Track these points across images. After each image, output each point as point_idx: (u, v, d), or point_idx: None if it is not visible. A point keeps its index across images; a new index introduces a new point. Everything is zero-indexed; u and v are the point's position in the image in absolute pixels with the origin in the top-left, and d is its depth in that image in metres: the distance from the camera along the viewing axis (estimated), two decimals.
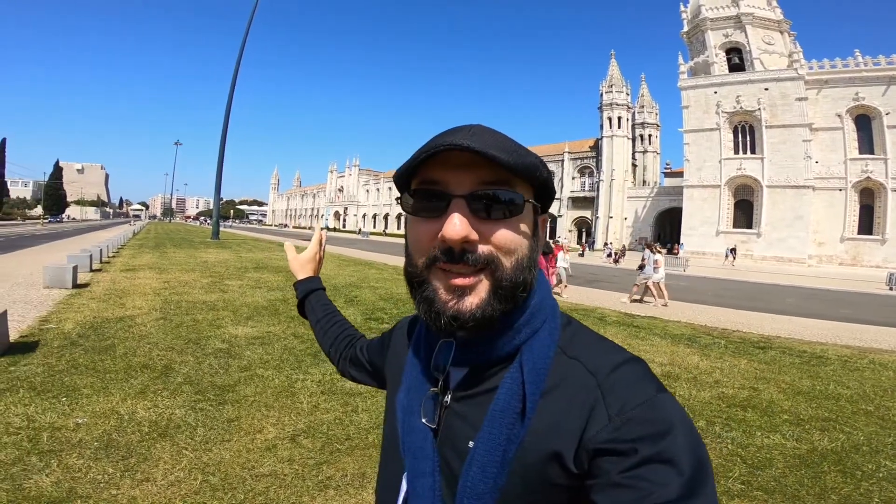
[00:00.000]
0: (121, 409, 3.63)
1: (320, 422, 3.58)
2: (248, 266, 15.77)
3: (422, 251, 0.60)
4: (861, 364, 6.62)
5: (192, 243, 27.45)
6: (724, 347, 7.36)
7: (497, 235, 0.58)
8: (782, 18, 43.81)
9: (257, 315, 7.86)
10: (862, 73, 38.42)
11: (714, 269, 31.73)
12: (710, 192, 43.12)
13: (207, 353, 5.46)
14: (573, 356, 0.60)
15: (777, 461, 3.36)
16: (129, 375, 4.49)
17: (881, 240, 37.51)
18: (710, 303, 13.57)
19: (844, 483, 3.08)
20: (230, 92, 30.65)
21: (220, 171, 31.34)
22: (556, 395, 0.58)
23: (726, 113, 42.39)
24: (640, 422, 0.52)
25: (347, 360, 1.02)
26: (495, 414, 0.58)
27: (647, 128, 60.48)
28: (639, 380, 0.57)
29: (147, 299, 8.83)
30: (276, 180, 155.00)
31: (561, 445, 0.55)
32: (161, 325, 6.72)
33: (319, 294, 1.16)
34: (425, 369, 0.68)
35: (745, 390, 5.06)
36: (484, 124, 0.61)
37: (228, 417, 3.56)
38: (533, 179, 0.60)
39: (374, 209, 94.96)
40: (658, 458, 0.49)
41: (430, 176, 0.60)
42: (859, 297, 18.12)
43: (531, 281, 0.61)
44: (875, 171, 37.78)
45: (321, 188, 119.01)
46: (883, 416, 4.40)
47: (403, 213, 0.65)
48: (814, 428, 4.02)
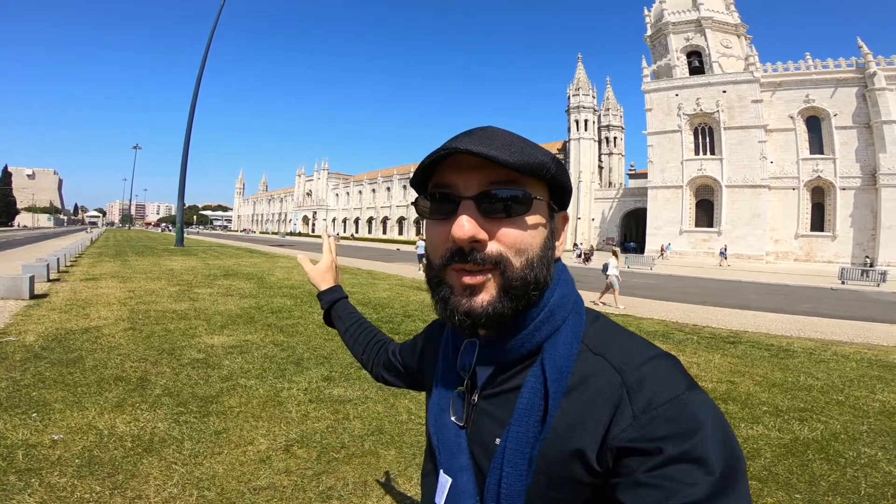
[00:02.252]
0: (98, 424, 3.45)
1: (312, 431, 3.50)
2: (217, 273, 15.31)
3: (437, 253, 0.62)
4: (825, 356, 6.94)
5: (156, 251, 26.44)
6: (696, 343, 7.61)
7: (506, 234, 0.59)
8: (739, 22, 45.72)
9: (232, 323, 7.62)
10: (812, 76, 40.43)
11: (679, 266, 32.78)
12: (673, 193, 44.47)
13: (184, 363, 5.26)
14: (599, 353, 0.60)
15: (765, 451, 3.48)
16: (102, 388, 4.28)
17: (832, 236, 39.49)
18: (677, 300, 13.96)
19: (830, 470, 3.21)
20: (194, 93, 29.75)
21: (184, 175, 30.36)
22: (580, 392, 0.58)
23: (687, 115, 43.86)
24: (666, 420, 0.51)
25: (381, 366, 1.04)
26: (521, 412, 0.58)
27: (612, 130, 61.99)
28: (667, 377, 0.56)
29: (112, 309, 8.46)
30: (242, 184, 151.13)
31: (584, 443, 0.54)
32: (130, 336, 6.44)
33: (344, 303, 1.17)
34: (453, 369, 0.70)
35: (724, 384, 5.24)
36: (476, 126, 0.64)
37: (216, 430, 3.43)
38: (542, 177, 0.60)
39: (345, 213, 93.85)
40: (685, 457, 0.48)
41: (441, 179, 0.62)
42: (816, 292, 19.02)
43: (545, 279, 0.61)
44: (825, 170, 39.75)
45: (289, 192, 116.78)
46: (854, 405, 4.62)
47: (420, 217, 0.66)
48: (793, 418, 4.19)
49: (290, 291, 11.52)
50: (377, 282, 14.59)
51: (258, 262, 21.37)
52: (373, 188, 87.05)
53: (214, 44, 30.11)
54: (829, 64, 40.10)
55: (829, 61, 40.17)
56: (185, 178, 30.47)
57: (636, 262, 30.22)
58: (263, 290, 11.78)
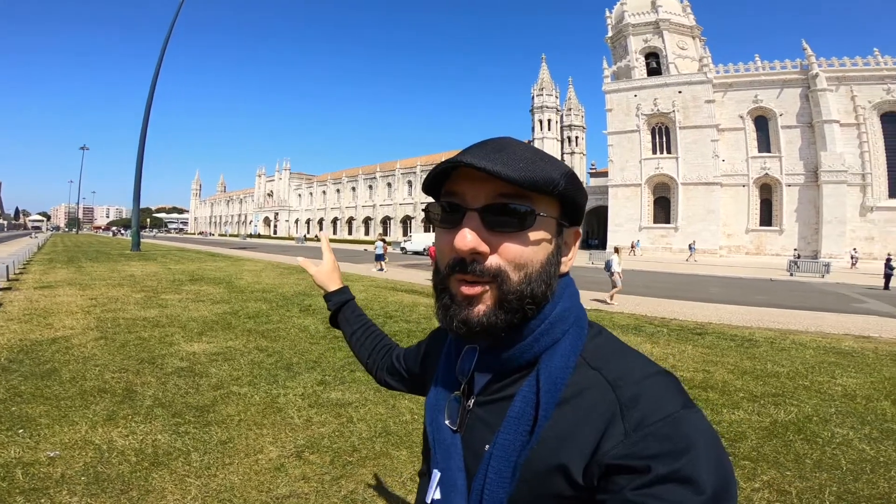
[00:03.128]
0: (94, 439, 3.33)
1: (319, 436, 3.49)
2: (182, 279, 14.78)
3: (443, 260, 0.63)
4: (785, 344, 7.41)
5: (111, 256, 25.22)
6: (667, 335, 7.96)
7: (506, 248, 0.60)
8: (695, 24, 47.67)
9: (209, 330, 7.43)
10: (760, 77, 42.65)
11: (639, 261, 33.87)
12: (633, 191, 45.94)
13: (168, 372, 5.12)
14: (596, 367, 0.61)
15: (749, 434, 3.74)
16: (87, 401, 4.12)
17: (779, 230, 41.78)
18: (642, 294, 14.49)
19: (811, 449, 3.49)
20: (150, 92, 28.49)
21: (139, 177, 29.09)
22: (573, 405, 0.58)
23: (645, 115, 45.41)
24: (658, 438, 0.51)
25: (384, 370, 1.05)
26: (511, 420, 0.59)
27: (574, 130, 63.48)
28: (663, 394, 0.56)
29: (77, 318, 8.08)
30: (198, 186, 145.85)
31: (569, 458, 0.55)
32: (104, 346, 6.19)
33: (352, 305, 1.17)
34: (452, 373, 0.72)
35: (700, 373, 5.54)
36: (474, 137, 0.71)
37: (220, 439, 3.37)
38: (550, 193, 0.60)
39: (308, 214, 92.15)
40: (674, 476, 0.48)
41: (452, 188, 0.63)
42: (768, 284, 20.14)
43: (543, 294, 0.62)
44: (772, 167, 42.02)
45: (249, 193, 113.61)
46: (819, 390, 4.99)
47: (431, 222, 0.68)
48: (768, 403, 4.49)
49: (263, 296, 11.29)
50: (350, 283, 14.19)
51: (223, 265, 20.76)
52: (337, 188, 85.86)
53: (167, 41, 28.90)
54: (775, 65, 42.44)
55: (775, 63, 42.53)
56: (140, 180, 29.19)
57: (598, 258, 31.29)
58: (235, 294, 11.49)
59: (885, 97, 38.40)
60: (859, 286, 19.97)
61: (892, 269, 18.56)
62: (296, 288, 12.93)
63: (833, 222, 38.57)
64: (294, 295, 11.53)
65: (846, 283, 21.51)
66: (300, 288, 12.93)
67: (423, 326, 8.03)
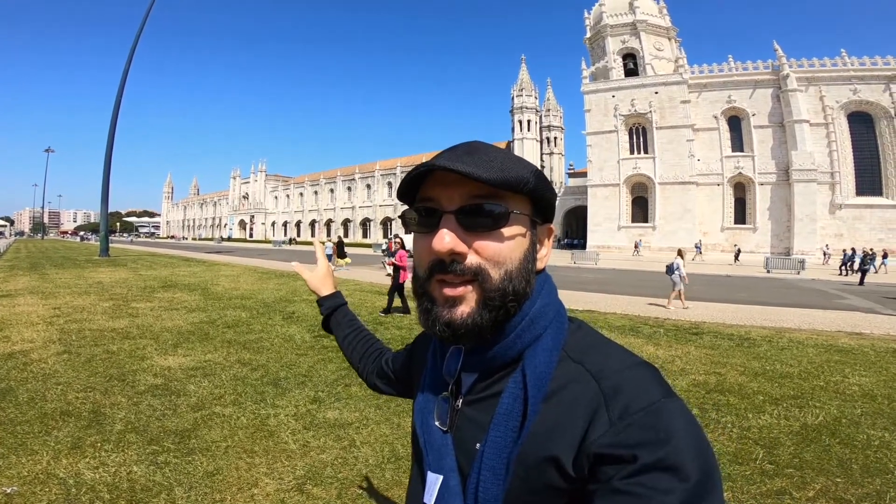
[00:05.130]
0: (57, 472, 2.88)
1: (321, 464, 3.09)
2: (154, 285, 14.05)
3: (422, 265, 0.63)
4: (783, 343, 7.31)
5: (77, 262, 24.02)
6: (664, 335, 7.80)
7: (484, 247, 0.60)
8: (670, 25, 48.57)
9: (185, 342, 6.89)
10: (734, 78, 43.66)
11: (621, 260, 34.23)
12: (611, 191, 46.48)
13: (140, 391, 4.62)
14: (578, 360, 0.61)
15: (783, 440, 3.52)
16: (48, 426, 3.64)
17: (753, 228, 42.81)
18: (631, 293, 14.43)
19: (853, 454, 3.29)
20: (119, 91, 27.34)
21: (107, 179, 27.90)
22: (559, 398, 0.58)
23: (623, 116, 45.99)
24: (641, 427, 0.51)
25: (374, 374, 1.05)
26: (500, 417, 0.59)
27: (552, 130, 64.06)
28: (644, 384, 0.56)
29: (38, 330, 7.46)
30: (170, 188, 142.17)
31: (559, 450, 0.55)
32: (67, 361, 5.65)
33: (344, 309, 1.17)
34: (439, 375, 0.71)
35: (712, 376, 5.32)
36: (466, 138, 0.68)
37: (206, 471, 2.94)
38: (521, 192, 0.61)
39: (285, 216, 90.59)
40: (659, 464, 0.48)
41: (426, 193, 0.64)
42: (748, 281, 20.43)
43: (524, 290, 0.62)
44: (745, 167, 43.03)
45: (223, 195, 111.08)
46: (836, 390, 4.82)
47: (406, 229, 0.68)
48: (791, 406, 4.29)
49: (241, 303, 10.73)
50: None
51: (197, 271, 19.94)
52: (315, 190, 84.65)
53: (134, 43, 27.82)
54: (748, 66, 43.53)
55: (748, 63, 43.64)
56: (108, 182, 28.03)
57: (580, 257, 32.02)
58: (211, 302, 10.90)
59: (852, 97, 39.67)
60: (834, 282, 20.44)
61: (867, 264, 19.00)
62: (276, 294, 12.40)
63: (804, 220, 39.65)
64: (275, 301, 11.01)
65: (821, 279, 22.00)
66: (281, 294, 12.41)
67: (416, 333, 7.68)
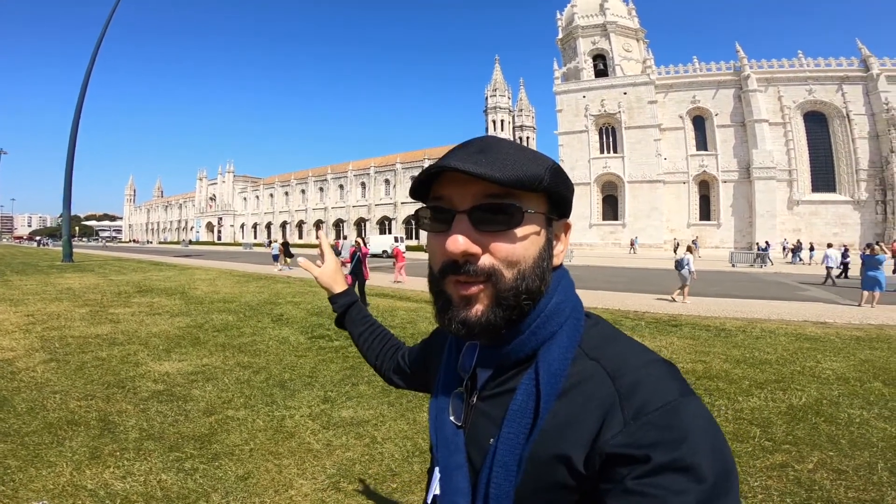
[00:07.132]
0: (85, 483, 2.87)
1: (349, 461, 3.18)
2: (129, 290, 13.66)
3: (436, 264, 0.64)
4: (756, 332, 7.73)
5: (40, 268, 22.99)
6: (646, 328, 8.13)
7: (498, 248, 0.60)
8: (639, 27, 49.88)
9: (177, 346, 6.80)
10: (698, 79, 45.20)
11: (594, 257, 34.96)
12: (583, 190, 47.37)
13: (144, 397, 4.58)
14: (594, 357, 0.61)
15: (775, 419, 3.82)
16: (58, 436, 3.60)
17: (717, 224, 44.46)
18: (606, 288, 14.85)
19: (839, 431, 3.60)
20: (81, 92, 26.31)
21: (70, 181, 26.88)
22: (573, 395, 0.58)
23: (593, 116, 46.97)
24: (656, 426, 0.51)
25: (391, 370, 1.06)
26: (513, 414, 0.59)
27: (525, 130, 64.76)
28: (661, 382, 0.56)
29: (16, 338, 7.21)
30: (132, 191, 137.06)
31: (571, 447, 0.55)
32: (57, 369, 5.52)
33: (357, 306, 1.16)
34: (454, 370, 0.72)
35: (699, 364, 5.64)
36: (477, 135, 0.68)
37: (238, 475, 2.99)
38: (535, 189, 0.60)
39: (255, 218, 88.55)
40: (674, 465, 0.48)
41: (438, 192, 0.64)
42: (716, 275, 21.21)
43: (537, 288, 0.62)
44: (709, 165, 44.61)
45: (189, 197, 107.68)
46: (812, 374, 5.20)
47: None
48: (776, 388, 4.62)
49: (226, 306, 10.58)
50: (316, 288, 13.90)
51: (171, 275, 19.41)
52: (286, 191, 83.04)
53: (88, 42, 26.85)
54: (711, 67, 45.15)
55: (711, 64, 45.27)
56: (71, 185, 27.00)
57: None
58: (193, 306, 10.71)
59: (808, 97, 41.68)
60: (795, 275, 21.47)
61: (847, 258, 19.53)
62: (259, 297, 12.27)
63: (765, 216, 41.42)
64: (260, 304, 10.91)
65: (783, 272, 23.08)
66: (264, 296, 12.28)
67: (410, 331, 7.78)
